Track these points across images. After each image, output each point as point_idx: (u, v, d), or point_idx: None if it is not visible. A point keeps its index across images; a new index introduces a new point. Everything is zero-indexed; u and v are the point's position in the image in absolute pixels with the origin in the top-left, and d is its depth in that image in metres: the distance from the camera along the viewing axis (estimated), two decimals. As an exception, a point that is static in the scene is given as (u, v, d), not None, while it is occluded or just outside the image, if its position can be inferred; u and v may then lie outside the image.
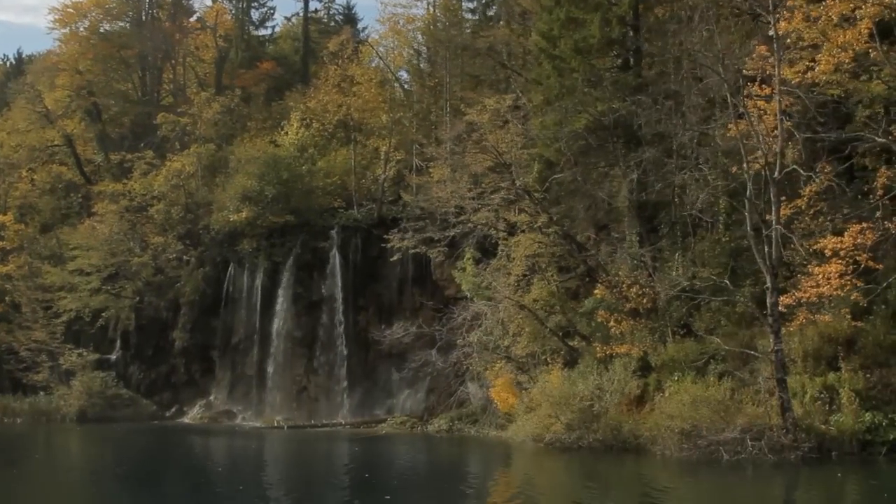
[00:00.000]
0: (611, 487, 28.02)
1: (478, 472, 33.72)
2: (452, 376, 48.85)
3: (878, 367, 31.41)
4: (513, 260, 42.88)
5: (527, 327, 41.67)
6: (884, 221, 30.24)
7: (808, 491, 27.01)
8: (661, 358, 35.97)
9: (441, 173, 44.07)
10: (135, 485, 29.16)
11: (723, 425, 30.24)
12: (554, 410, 35.24)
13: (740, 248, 37.15)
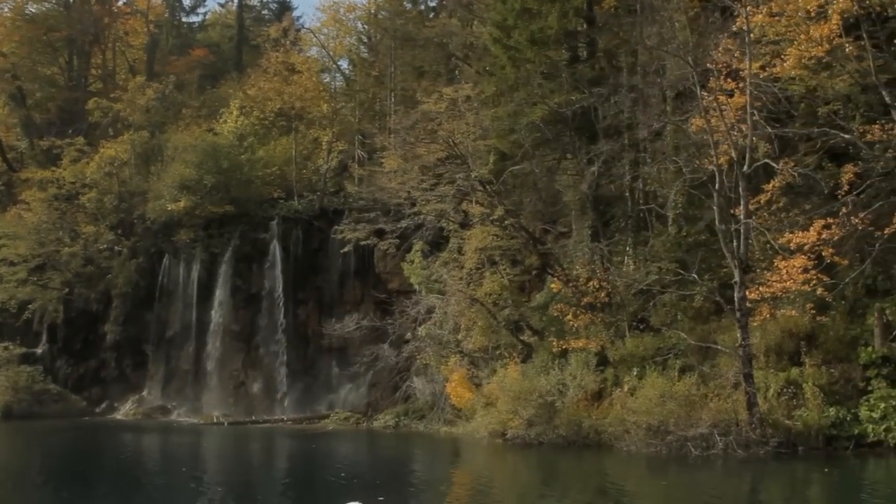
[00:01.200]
0: (577, 484, 27.31)
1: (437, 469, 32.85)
2: (396, 371, 47.92)
3: (839, 362, 31.42)
4: (464, 253, 42.07)
5: (479, 321, 40.91)
6: (850, 217, 30.12)
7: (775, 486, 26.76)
8: (619, 353, 35.50)
9: (392, 164, 42.98)
10: (61, 486, 27.24)
11: (690, 421, 29.87)
12: (513, 406, 34.52)
13: (698, 242, 36.96)
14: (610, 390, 34.77)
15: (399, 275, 50.42)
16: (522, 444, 33.56)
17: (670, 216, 37.91)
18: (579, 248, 39.33)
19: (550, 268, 39.95)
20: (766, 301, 31.50)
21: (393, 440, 41.23)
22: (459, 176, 39.64)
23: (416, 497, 24.91)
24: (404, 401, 46.72)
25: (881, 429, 29.32)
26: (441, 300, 42.55)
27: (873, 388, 30.45)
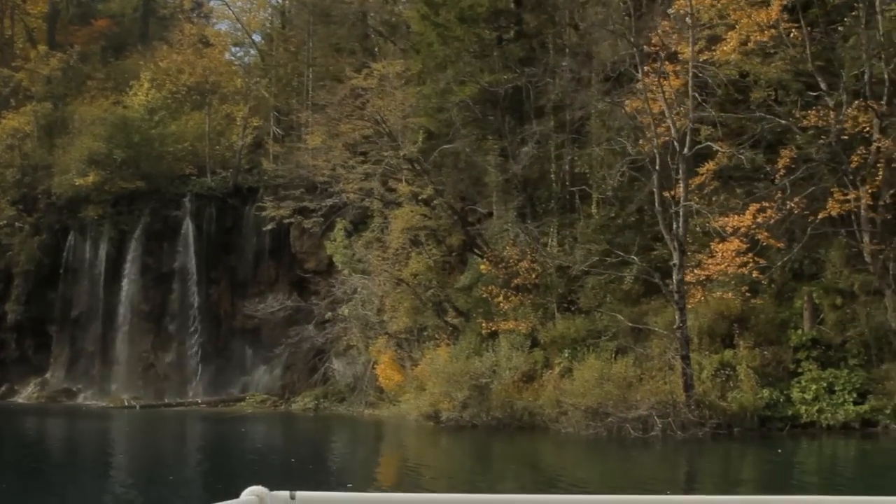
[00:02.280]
0: (512, 465, 26.86)
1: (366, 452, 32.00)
2: (313, 353, 46.74)
3: (770, 345, 31.66)
4: (389, 233, 41.05)
5: (405, 302, 40.05)
6: (785, 201, 30.26)
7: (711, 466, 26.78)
8: (550, 334, 35.13)
9: (316, 140, 41.65)
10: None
11: (628, 403, 29.67)
12: (445, 388, 33.80)
13: (627, 224, 36.84)
14: (541, 372, 34.40)
15: (316, 255, 49.18)
16: (455, 427, 32.89)
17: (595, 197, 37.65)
18: (506, 230, 38.79)
19: (478, 248, 39.32)
20: (700, 283, 31.54)
21: (315, 423, 40.16)
22: (387, 154, 38.63)
23: (347, 480, 23.84)
24: (323, 383, 45.54)
25: (814, 410, 29.65)
26: (365, 280, 41.54)
27: (804, 370, 30.81)
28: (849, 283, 32.59)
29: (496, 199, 41.16)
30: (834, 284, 32.81)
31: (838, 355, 30.93)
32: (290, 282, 50.39)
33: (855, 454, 28.49)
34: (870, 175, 30.54)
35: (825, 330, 31.55)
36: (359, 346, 41.09)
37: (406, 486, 22.52)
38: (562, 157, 38.63)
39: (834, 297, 32.55)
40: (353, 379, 43.07)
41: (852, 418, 29.21)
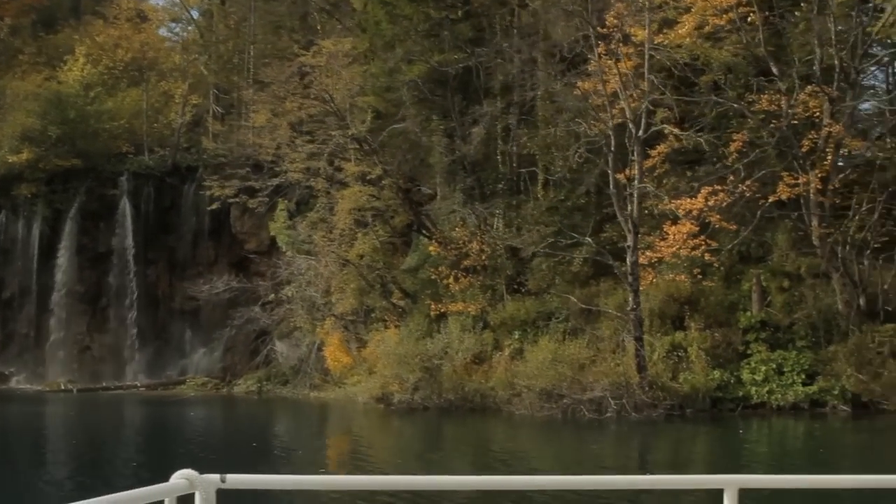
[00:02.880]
0: (463, 447, 26.53)
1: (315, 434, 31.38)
2: (254, 335, 45.92)
3: (719, 327, 31.84)
4: (335, 213, 40.36)
5: (352, 283, 39.47)
6: (737, 185, 30.36)
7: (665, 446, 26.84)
8: (500, 316, 34.91)
9: (261, 119, 40.70)
10: None
11: (583, 384, 29.56)
12: (395, 370, 33.36)
13: (577, 206, 36.72)
14: (490, 354, 34.16)
15: (257, 235, 48.26)
16: (406, 410, 32.47)
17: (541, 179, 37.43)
18: (455, 211, 38.40)
19: (426, 229, 38.90)
20: (651, 265, 31.57)
21: (260, 406, 39.36)
22: (335, 134, 37.93)
23: (295, 463, 23.25)
24: (265, 365, 44.74)
25: (764, 391, 29.90)
26: (310, 261, 40.84)
27: (753, 351, 31.07)
28: (795, 266, 32.93)
29: (444, 180, 40.72)
30: (781, 267, 33.12)
31: (786, 337, 31.23)
32: (230, 263, 49.33)
33: (803, 434, 28.79)
34: (819, 160, 30.78)
35: (773, 312, 31.84)
36: (305, 327, 40.39)
37: (355, 468, 22.03)
38: (511, 139, 38.31)
39: (781, 279, 32.86)
40: (297, 361, 42.38)
41: (801, 399, 29.51)
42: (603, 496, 15.07)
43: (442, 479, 4.58)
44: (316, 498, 15.95)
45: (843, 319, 30.94)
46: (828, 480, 4.49)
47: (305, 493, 15.62)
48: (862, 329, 30.18)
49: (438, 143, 38.46)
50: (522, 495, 14.95)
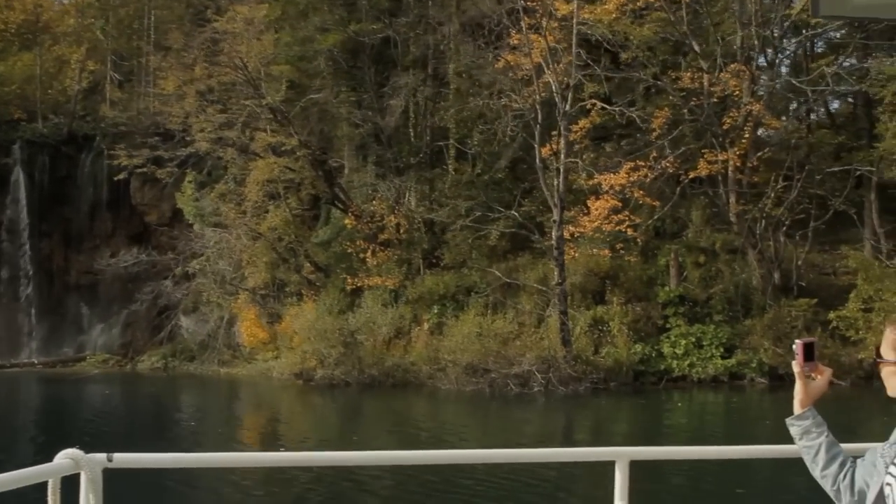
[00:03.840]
0: (385, 422, 25.89)
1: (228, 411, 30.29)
2: (156, 310, 44.30)
3: (639, 301, 32.02)
4: (246, 185, 39.08)
5: (264, 257, 38.39)
6: (659, 161, 30.50)
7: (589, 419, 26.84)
8: (418, 290, 34.43)
9: (170, 86, 39.03)
10: None
11: (510, 359, 29.32)
12: (313, 345, 32.52)
13: (494, 180, 36.46)
14: (409, 328, 33.69)
15: (158, 207, 46.60)
16: (327, 385, 31.65)
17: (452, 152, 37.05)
18: (371, 184, 37.68)
19: (341, 202, 38.04)
20: (574, 240, 31.52)
21: (169, 383, 37.85)
22: (248, 103, 36.65)
23: (211, 441, 22.31)
24: (169, 341, 43.19)
25: (685, 364, 30.19)
26: (220, 234, 39.51)
27: (672, 325, 31.33)
28: (710, 241, 33.36)
29: (358, 153, 39.95)
30: (696, 243, 33.52)
31: (704, 311, 31.60)
32: (129, 235, 47.48)
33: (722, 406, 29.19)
34: (738, 137, 31.14)
35: (690, 287, 32.18)
36: (219, 302, 39.08)
37: (273, 446, 21.25)
38: (427, 112, 37.76)
39: (697, 255, 33.25)
40: (205, 337, 41.02)
41: (721, 372, 29.92)
42: (506, 469, 14.91)
43: (345, 455, 4.40)
44: (225, 477, 15.35)
45: (758, 294, 31.48)
46: (717, 451, 4.37)
47: (214, 472, 15.11)
48: (777, 304, 30.74)
49: (354, 115, 37.64)
50: (427, 469, 14.70)
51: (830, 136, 32.65)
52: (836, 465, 3.34)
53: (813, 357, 3.51)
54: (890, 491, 3.00)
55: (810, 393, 3.49)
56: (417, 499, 14.58)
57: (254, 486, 15.36)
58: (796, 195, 30.35)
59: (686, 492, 15.03)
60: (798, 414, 3.47)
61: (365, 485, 15.24)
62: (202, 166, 41.02)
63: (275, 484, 15.39)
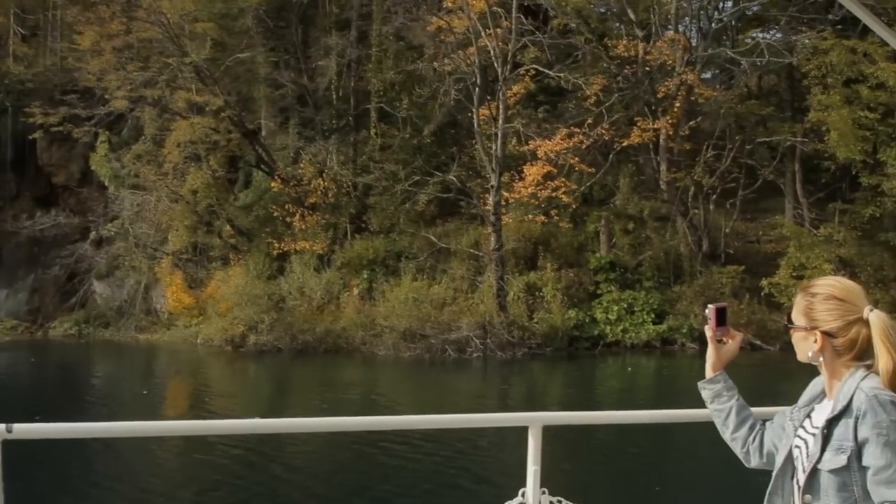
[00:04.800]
0: (316, 388, 25.41)
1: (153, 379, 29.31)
2: (66, 274, 42.54)
3: (570, 267, 32.09)
4: (166, 145, 37.66)
5: (185, 220, 37.15)
6: (594, 127, 30.50)
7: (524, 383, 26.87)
8: (347, 255, 33.84)
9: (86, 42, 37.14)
10: None
11: (448, 325, 29.06)
12: (242, 311, 31.68)
13: (422, 145, 36.00)
14: (339, 294, 33.10)
15: (66, 167, 44.49)
16: (256, 352, 30.87)
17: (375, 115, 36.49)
18: (298, 146, 36.80)
19: (265, 165, 37.03)
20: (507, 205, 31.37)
21: (84, 350, 36.40)
22: (171, 61, 35.25)
23: (133, 409, 21.49)
24: (81, 307, 41.55)
25: (618, 329, 30.40)
26: (137, 196, 38.08)
27: (603, 291, 31.50)
28: (638, 209, 33.64)
29: (283, 115, 38.98)
30: (624, 210, 33.76)
31: (634, 278, 31.86)
32: (35, 197, 45.30)
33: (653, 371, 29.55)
34: (671, 106, 31.35)
35: (620, 254, 32.41)
36: (137, 266, 37.67)
37: (198, 414, 20.58)
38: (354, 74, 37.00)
39: (625, 222, 33.50)
40: (121, 302, 39.57)
41: (653, 337, 30.23)
42: (428, 435, 14.96)
43: (260, 423, 4.39)
44: (146, 446, 14.82)
45: (687, 261, 31.89)
46: (628, 416, 4.60)
47: (137, 441, 14.67)
48: (706, 270, 31.20)
49: (279, 76, 36.62)
50: (347, 436, 14.64)
51: (758, 108, 33.17)
52: (746, 427, 3.45)
53: (725, 322, 3.50)
54: (799, 453, 3.11)
55: (722, 357, 3.54)
56: (332, 467, 14.33)
57: (175, 455, 14.84)
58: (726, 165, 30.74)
59: (598, 456, 15.23)
60: (709, 378, 3.53)
61: (282, 450, 14.90)
62: (121, 126, 39.39)
63: (198, 451, 14.93)
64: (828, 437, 3.00)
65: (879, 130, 28.42)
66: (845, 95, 28.32)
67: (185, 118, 36.21)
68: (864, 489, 2.92)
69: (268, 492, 12.91)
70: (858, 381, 2.99)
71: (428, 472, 13.74)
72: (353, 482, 13.48)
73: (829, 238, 29.27)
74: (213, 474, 13.94)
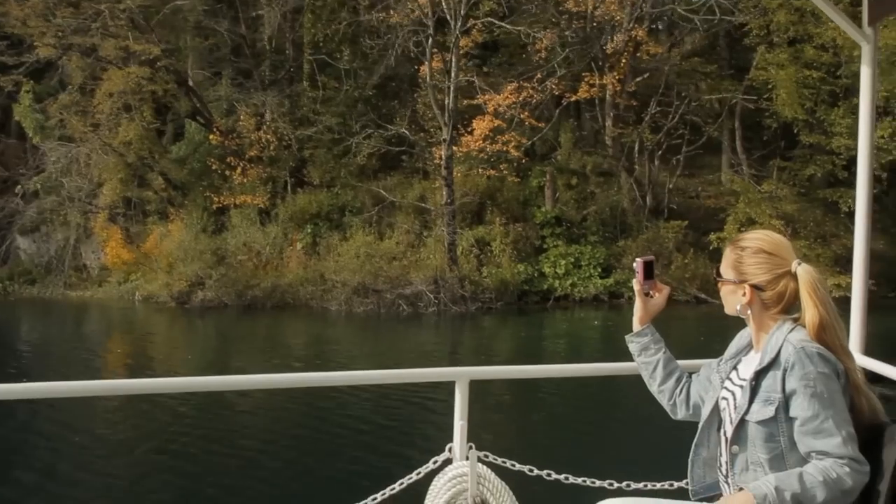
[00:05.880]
0: (264, 344, 24.95)
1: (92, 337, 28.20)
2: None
3: (516, 222, 32.04)
4: (98, 95, 36.15)
5: (119, 174, 35.83)
6: (544, 82, 30.34)
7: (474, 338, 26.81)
8: (290, 209, 33.16)
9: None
10: None
11: (400, 279, 28.74)
12: (189, 266, 30.79)
13: (364, 97, 35.42)
14: (281, 248, 32.43)
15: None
16: (203, 308, 30.06)
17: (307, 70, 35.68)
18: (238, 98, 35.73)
19: (202, 116, 35.90)
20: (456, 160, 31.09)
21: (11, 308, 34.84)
22: (103, 7, 33.67)
23: (74, 368, 20.76)
24: (3, 263, 39.84)
25: (566, 284, 30.50)
26: (65, 148, 36.52)
27: (550, 246, 31.55)
28: (581, 164, 33.72)
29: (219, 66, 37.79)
30: (566, 165, 33.81)
31: (580, 232, 31.98)
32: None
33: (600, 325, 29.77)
34: (618, 62, 31.37)
35: (565, 208, 32.47)
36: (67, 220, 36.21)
37: (142, 372, 20.00)
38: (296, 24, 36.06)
39: (568, 176, 33.56)
40: (48, 258, 38.08)
41: (601, 291, 30.42)
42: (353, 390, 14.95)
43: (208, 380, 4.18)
44: (93, 403, 14.34)
45: (630, 216, 32.13)
46: (556, 370, 4.84)
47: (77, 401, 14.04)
48: (651, 225, 31.50)
49: (217, 24, 35.41)
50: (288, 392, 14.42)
51: (702, 65, 33.44)
52: (673, 380, 3.52)
53: (652, 275, 3.54)
54: (726, 405, 3.17)
55: (649, 310, 3.62)
56: (265, 423, 14.12)
57: (116, 413, 14.34)
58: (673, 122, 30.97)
59: (531, 410, 15.21)
60: (637, 331, 3.61)
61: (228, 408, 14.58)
62: (49, 75, 37.64)
63: (143, 410, 14.50)
64: (756, 388, 3.04)
65: (822, 90, 28.92)
66: (790, 55, 28.70)
67: (120, 68, 34.78)
68: (790, 440, 2.98)
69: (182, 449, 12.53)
70: (786, 333, 3.03)
71: (358, 429, 13.47)
72: (272, 439, 13.14)
73: (772, 195, 29.79)
74: (158, 432, 13.47)
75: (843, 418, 2.91)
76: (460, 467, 3.84)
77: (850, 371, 3.03)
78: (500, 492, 3.88)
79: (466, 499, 3.83)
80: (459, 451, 3.87)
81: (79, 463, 11.88)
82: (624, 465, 4.71)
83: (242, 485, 10.65)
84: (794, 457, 2.98)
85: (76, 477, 11.19)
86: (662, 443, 5.06)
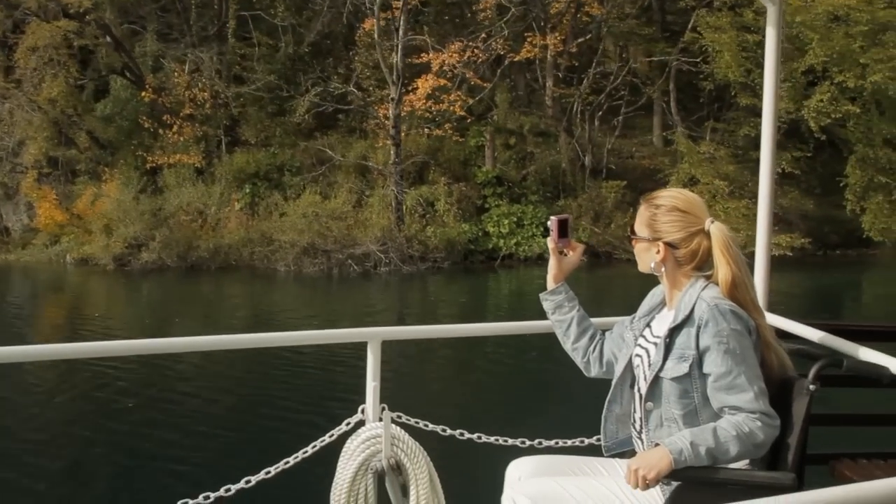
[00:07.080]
0: (207, 307, 24.33)
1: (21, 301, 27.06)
2: None
3: (458, 181, 31.89)
4: (19, 50, 34.47)
5: (44, 132, 34.28)
6: (488, 41, 30.11)
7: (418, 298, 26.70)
8: (227, 169, 32.29)
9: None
10: None
11: (346, 239, 28.33)
12: (128, 228, 29.72)
13: (300, 55, 34.62)
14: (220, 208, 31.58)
15: None
16: (144, 270, 29.05)
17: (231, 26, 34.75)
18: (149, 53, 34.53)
19: (131, 73, 34.53)
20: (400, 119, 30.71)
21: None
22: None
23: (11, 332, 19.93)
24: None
25: (511, 243, 30.52)
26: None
27: (492, 205, 31.50)
28: (518, 124, 33.69)
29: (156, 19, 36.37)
30: (504, 125, 33.73)
31: (520, 192, 31.97)
32: None
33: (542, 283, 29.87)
34: (559, 22, 31.32)
35: (505, 168, 32.43)
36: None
37: (80, 336, 19.31)
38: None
39: (506, 136, 33.51)
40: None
41: (544, 250, 30.32)
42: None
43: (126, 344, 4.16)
44: (25, 367, 13.84)
45: (570, 176, 32.29)
46: (469, 329, 4.89)
47: None
48: (592, 185, 31.72)
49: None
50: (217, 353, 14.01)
51: (639, 27, 33.63)
52: (587, 338, 3.54)
53: (567, 234, 3.54)
54: (640, 362, 3.19)
55: (563, 268, 3.63)
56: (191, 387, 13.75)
57: (45, 378, 13.85)
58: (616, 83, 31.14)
59: (446, 370, 15.29)
60: (551, 289, 3.63)
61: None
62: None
63: (82, 374, 13.99)
64: (670, 345, 3.06)
65: (759, 53, 29.37)
66: (730, 18, 29.10)
67: (45, 21, 33.18)
68: (703, 396, 3.00)
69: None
70: (699, 290, 3.06)
71: (272, 394, 13.22)
72: (187, 404, 12.69)
73: (711, 157, 30.29)
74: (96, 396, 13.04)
75: (754, 374, 2.93)
76: (373, 429, 3.80)
77: (762, 328, 3.04)
78: (415, 452, 3.83)
79: (381, 460, 3.79)
80: (372, 413, 3.84)
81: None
82: (536, 424, 4.68)
83: (145, 452, 10.07)
84: (707, 412, 2.99)
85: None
86: (574, 401, 5.14)
